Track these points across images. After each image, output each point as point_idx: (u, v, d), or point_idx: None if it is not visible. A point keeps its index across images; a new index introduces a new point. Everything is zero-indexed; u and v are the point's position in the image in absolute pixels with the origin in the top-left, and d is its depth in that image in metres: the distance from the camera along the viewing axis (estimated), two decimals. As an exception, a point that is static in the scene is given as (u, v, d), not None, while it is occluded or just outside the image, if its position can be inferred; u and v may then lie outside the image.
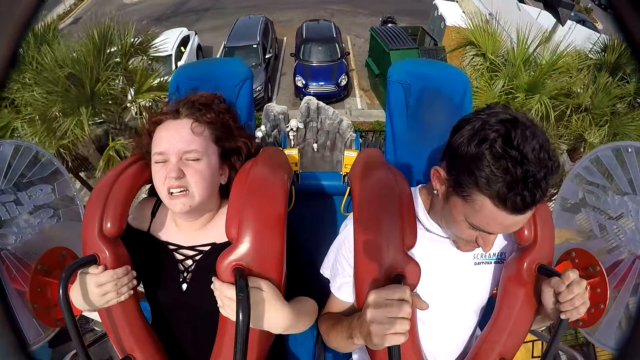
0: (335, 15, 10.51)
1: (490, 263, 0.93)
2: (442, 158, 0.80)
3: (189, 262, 0.95)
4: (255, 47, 9.70)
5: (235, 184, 0.88)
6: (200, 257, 0.95)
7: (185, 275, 0.94)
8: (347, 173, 1.14)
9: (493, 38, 4.31)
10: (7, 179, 1.08)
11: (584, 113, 4.16)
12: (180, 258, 0.95)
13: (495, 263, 0.93)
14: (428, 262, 0.86)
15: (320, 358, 1.15)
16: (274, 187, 0.87)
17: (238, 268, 0.79)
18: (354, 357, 1.11)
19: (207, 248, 0.95)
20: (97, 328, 2.33)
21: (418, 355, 0.85)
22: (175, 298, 0.94)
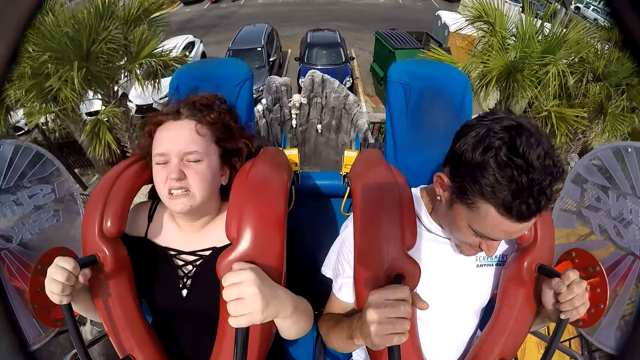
0: (339, 31, 10.65)
1: (492, 265, 0.93)
2: (444, 164, 0.80)
3: (189, 267, 0.94)
4: (260, 50, 9.68)
5: (235, 184, 0.88)
6: (201, 262, 0.94)
7: (185, 281, 0.93)
8: (347, 173, 1.14)
9: (501, 14, 4.41)
10: (7, 179, 1.08)
11: (600, 82, 4.18)
12: (180, 263, 0.94)
13: (497, 265, 0.93)
14: (430, 262, 0.86)
15: (320, 358, 1.14)
16: (274, 187, 0.87)
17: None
18: (354, 357, 1.11)
19: (207, 253, 0.94)
20: (97, 328, 2.33)
21: (418, 356, 0.85)
22: (176, 304, 0.93)
